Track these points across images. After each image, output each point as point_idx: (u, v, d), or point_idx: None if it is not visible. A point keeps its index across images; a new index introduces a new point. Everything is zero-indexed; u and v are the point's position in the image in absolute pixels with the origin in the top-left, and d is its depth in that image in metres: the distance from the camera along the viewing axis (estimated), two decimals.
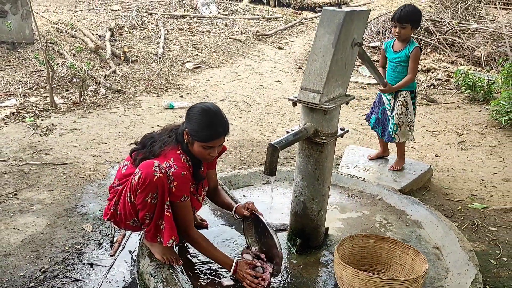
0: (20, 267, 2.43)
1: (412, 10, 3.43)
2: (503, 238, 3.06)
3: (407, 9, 3.43)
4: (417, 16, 3.45)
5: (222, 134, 2.22)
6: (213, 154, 2.24)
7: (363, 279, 2.08)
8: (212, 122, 2.18)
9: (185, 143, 2.23)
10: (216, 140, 2.19)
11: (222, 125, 2.21)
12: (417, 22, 3.48)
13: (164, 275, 2.22)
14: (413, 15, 3.41)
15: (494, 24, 9.73)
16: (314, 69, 2.25)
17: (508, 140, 4.80)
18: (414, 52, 3.41)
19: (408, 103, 3.56)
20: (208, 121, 2.18)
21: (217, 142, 2.21)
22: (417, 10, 3.47)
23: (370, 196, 3.23)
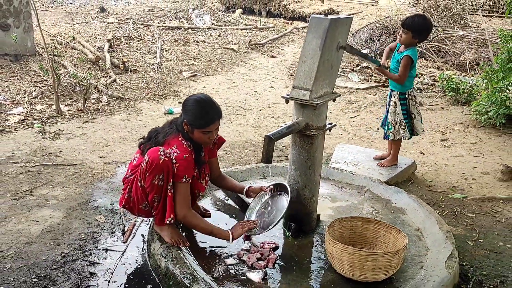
0: (42, 252, 2.69)
1: (418, 21, 3.60)
2: (480, 223, 3.35)
3: (415, 18, 3.64)
4: (421, 27, 3.57)
5: (217, 118, 2.54)
6: (212, 138, 2.56)
7: (350, 253, 2.36)
8: (206, 110, 2.51)
9: (185, 132, 2.53)
10: (212, 124, 2.52)
11: (215, 110, 2.53)
12: (419, 32, 3.58)
13: (173, 255, 2.49)
14: (417, 25, 3.56)
15: (478, 31, 10.15)
16: (304, 70, 2.55)
17: (488, 137, 5.12)
18: (404, 59, 3.63)
19: (396, 104, 3.82)
20: (202, 109, 2.50)
21: (213, 126, 2.53)
22: (424, 23, 3.59)
23: (358, 188, 3.52)
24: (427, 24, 3.63)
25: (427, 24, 3.63)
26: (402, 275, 2.52)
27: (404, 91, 3.79)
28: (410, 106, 3.81)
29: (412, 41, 3.64)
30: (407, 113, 3.83)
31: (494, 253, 2.96)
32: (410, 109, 3.82)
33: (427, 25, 3.63)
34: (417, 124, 3.85)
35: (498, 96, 5.23)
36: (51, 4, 13.72)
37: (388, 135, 3.89)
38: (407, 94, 3.79)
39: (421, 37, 3.66)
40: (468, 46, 9.22)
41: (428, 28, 3.68)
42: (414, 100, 3.82)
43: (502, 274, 2.73)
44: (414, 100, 3.82)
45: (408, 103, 3.81)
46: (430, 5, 11.46)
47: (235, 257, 2.61)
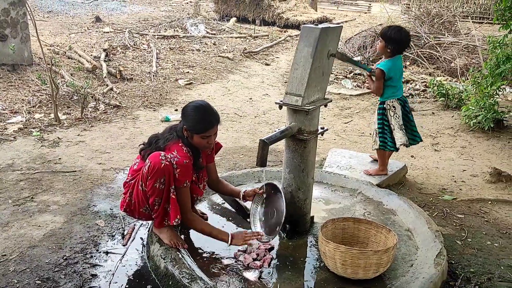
0: (44, 255, 2.77)
1: (392, 30, 3.66)
2: (469, 223, 3.46)
3: (390, 28, 3.72)
4: (394, 36, 3.61)
5: (215, 123, 2.65)
6: (211, 142, 2.67)
7: (343, 252, 2.46)
8: (205, 116, 2.62)
9: (185, 138, 2.64)
10: (211, 129, 2.63)
11: (213, 116, 2.65)
12: (393, 42, 3.62)
13: (172, 256, 2.58)
14: (389, 35, 3.63)
15: (469, 37, 10.33)
16: (296, 76, 2.66)
17: (477, 141, 5.26)
18: (376, 71, 3.72)
19: (375, 113, 3.92)
20: (201, 115, 2.62)
21: (212, 131, 2.64)
22: (398, 34, 3.62)
23: (351, 190, 3.63)
24: (400, 35, 3.64)
25: (400, 36, 3.64)
26: (393, 273, 2.62)
27: (382, 101, 3.81)
28: (389, 117, 3.79)
29: (386, 50, 3.70)
30: (382, 124, 3.83)
31: (482, 251, 3.07)
32: (389, 119, 3.79)
33: (400, 36, 3.64)
34: (396, 135, 3.79)
35: (486, 101, 5.37)
36: (46, 14, 13.84)
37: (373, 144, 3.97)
38: (386, 104, 3.78)
39: (393, 47, 3.65)
40: (459, 52, 9.39)
41: (401, 40, 3.65)
42: (394, 111, 3.77)
43: (489, 271, 2.84)
44: (394, 111, 3.77)
45: (387, 113, 3.79)
46: (421, 12, 11.69)
47: (232, 258, 2.70)
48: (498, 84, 5.40)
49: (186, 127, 2.63)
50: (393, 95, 3.78)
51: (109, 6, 16.43)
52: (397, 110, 3.78)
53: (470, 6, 17.89)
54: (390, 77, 3.72)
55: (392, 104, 3.78)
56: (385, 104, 3.81)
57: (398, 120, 3.79)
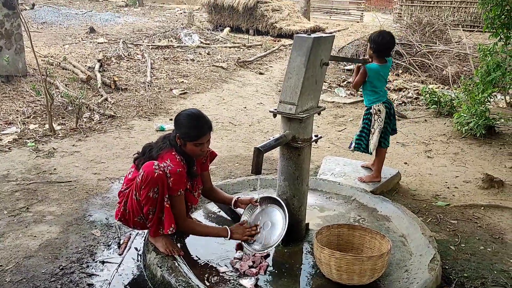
0: (40, 265, 2.78)
1: (374, 33, 3.83)
2: (462, 229, 3.50)
3: (377, 32, 3.84)
4: (375, 38, 3.75)
5: (208, 131, 2.68)
6: (204, 150, 2.70)
7: (338, 258, 2.49)
8: (197, 123, 2.65)
9: (178, 146, 2.66)
10: (203, 137, 2.66)
11: (206, 123, 2.68)
12: (375, 44, 3.74)
13: (169, 264, 2.59)
14: (373, 37, 3.79)
15: (460, 45, 10.48)
16: (290, 85, 2.70)
17: (469, 147, 5.32)
18: (362, 69, 3.79)
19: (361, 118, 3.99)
20: (194, 123, 2.65)
21: (205, 138, 2.67)
22: (378, 35, 3.76)
23: (345, 197, 3.66)
24: (384, 37, 3.74)
25: (384, 38, 3.74)
26: (388, 278, 2.65)
27: (368, 106, 3.88)
28: (372, 121, 3.84)
29: (371, 52, 3.82)
30: (363, 127, 3.89)
31: (475, 256, 3.10)
32: (372, 123, 3.84)
33: (379, 39, 3.75)
34: (372, 138, 3.85)
35: (478, 108, 5.44)
36: (40, 25, 13.87)
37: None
38: (372, 109, 3.84)
39: (375, 48, 3.77)
40: (450, 60, 9.52)
41: (379, 42, 3.75)
42: (378, 115, 3.82)
43: (482, 276, 2.87)
44: (378, 115, 3.82)
45: (372, 118, 3.84)
46: (413, 21, 11.84)
47: (228, 265, 2.72)
48: (489, 91, 5.49)
49: (179, 135, 2.66)
50: (377, 99, 3.86)
51: (103, 17, 16.50)
52: (382, 113, 3.84)
53: (460, 15, 18.17)
54: (372, 81, 3.79)
55: (378, 108, 3.85)
56: (371, 109, 3.87)
57: (380, 124, 3.85)
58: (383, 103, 3.85)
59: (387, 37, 3.78)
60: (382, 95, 3.87)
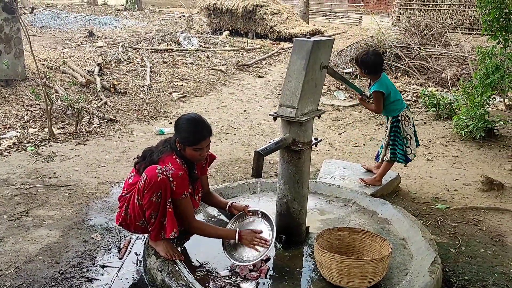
0: (41, 270, 2.77)
1: (360, 55, 3.83)
2: (462, 231, 3.50)
3: (359, 54, 3.87)
4: (363, 60, 3.76)
5: (207, 135, 2.68)
6: (203, 154, 2.70)
7: (338, 261, 2.48)
8: (197, 128, 2.65)
9: (178, 150, 2.66)
10: (203, 141, 2.66)
11: (205, 128, 2.68)
12: (366, 67, 3.77)
13: (169, 269, 2.58)
14: (358, 60, 3.82)
15: (458, 48, 10.49)
16: (290, 89, 2.70)
17: (469, 150, 5.32)
18: (374, 94, 3.83)
19: (387, 127, 3.97)
20: (193, 127, 2.65)
21: (204, 143, 2.67)
22: (365, 56, 3.76)
23: (345, 200, 3.66)
24: (369, 58, 3.76)
25: (370, 59, 3.75)
26: (388, 282, 2.64)
27: (395, 115, 3.89)
28: (404, 128, 3.87)
29: (364, 75, 3.91)
30: (394, 137, 3.90)
31: (475, 259, 3.10)
32: (405, 130, 3.88)
33: (370, 59, 3.75)
34: (412, 145, 3.89)
35: (477, 111, 5.45)
36: (39, 29, 13.88)
37: (378, 157, 4.06)
38: (400, 116, 3.87)
39: (370, 70, 3.81)
40: (449, 63, 9.53)
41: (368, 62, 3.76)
42: (408, 120, 3.87)
43: (483, 279, 2.87)
44: (408, 120, 3.87)
45: (402, 125, 3.87)
46: (411, 24, 11.85)
47: (228, 269, 2.71)
48: (488, 93, 5.49)
49: (179, 139, 2.66)
50: (401, 106, 3.89)
51: (102, 20, 16.53)
52: (410, 118, 3.92)
53: (459, 18, 18.20)
54: (389, 93, 3.82)
55: (405, 114, 3.89)
56: (398, 116, 3.88)
57: (412, 129, 3.92)
58: (407, 108, 3.93)
59: (373, 56, 3.80)
60: (402, 101, 3.92)
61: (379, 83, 3.83)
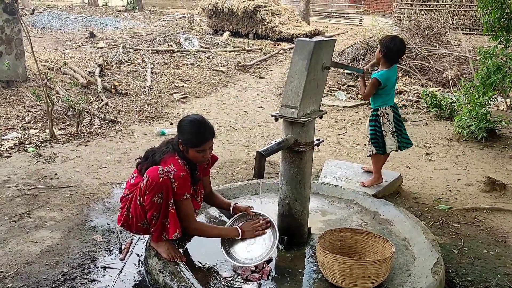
0: (42, 271, 2.76)
1: (387, 37, 3.82)
2: (465, 232, 3.49)
3: (389, 37, 3.83)
4: (387, 43, 3.73)
5: (210, 137, 2.68)
6: (206, 156, 2.70)
7: (341, 262, 2.47)
8: (200, 130, 2.65)
9: (181, 152, 2.66)
10: (206, 143, 2.66)
11: (208, 130, 2.68)
12: (387, 49, 3.73)
13: (171, 270, 2.57)
14: (383, 40, 3.78)
15: (459, 48, 10.48)
16: (292, 89, 2.69)
17: (471, 150, 5.31)
18: (372, 79, 3.82)
19: (367, 120, 3.99)
20: (196, 129, 2.64)
21: (207, 145, 2.67)
22: (390, 40, 3.74)
23: (347, 201, 3.65)
24: (396, 44, 3.74)
25: (396, 44, 3.74)
26: (391, 283, 2.63)
27: (375, 108, 3.89)
28: (382, 124, 3.86)
29: (379, 56, 3.81)
30: (375, 130, 3.90)
31: (478, 260, 3.09)
32: (382, 126, 3.87)
33: (391, 44, 3.74)
34: (387, 141, 3.86)
35: (479, 111, 5.43)
36: (40, 30, 13.89)
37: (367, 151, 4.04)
38: (379, 111, 3.86)
39: (386, 53, 3.75)
40: (450, 63, 9.52)
41: (391, 48, 3.74)
42: (387, 118, 3.85)
43: (486, 280, 2.86)
44: (387, 118, 3.85)
45: (380, 120, 3.86)
46: (412, 24, 11.84)
47: (230, 271, 2.70)
48: (489, 94, 5.48)
49: (182, 141, 2.65)
50: (385, 103, 3.87)
51: (103, 22, 16.53)
52: (389, 117, 3.87)
53: (460, 18, 18.19)
54: (385, 86, 3.80)
55: (385, 111, 3.87)
56: (378, 111, 3.88)
57: (391, 127, 3.88)
58: (391, 106, 3.89)
59: (399, 43, 3.79)
60: (390, 98, 3.90)
61: (383, 73, 3.79)
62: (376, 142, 3.92)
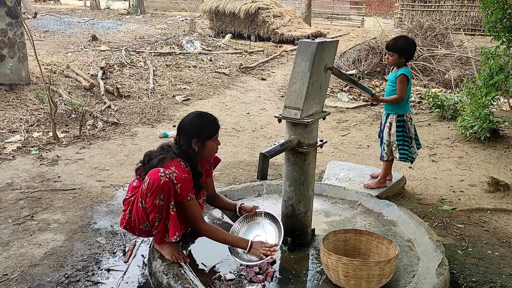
0: (46, 274, 2.76)
1: (400, 42, 3.78)
2: (469, 233, 3.48)
3: (397, 40, 3.83)
4: (404, 47, 3.74)
5: (218, 123, 2.78)
6: (219, 144, 2.79)
7: (345, 263, 2.47)
8: (209, 119, 2.74)
9: (194, 152, 2.67)
10: (218, 130, 2.76)
11: (215, 117, 2.79)
12: (404, 51, 3.74)
13: (175, 272, 2.57)
14: (399, 46, 3.75)
15: (461, 49, 10.47)
16: (295, 90, 2.69)
17: (474, 151, 5.30)
18: (399, 77, 3.75)
19: (391, 125, 3.90)
20: (206, 120, 2.73)
21: (219, 131, 2.77)
22: (406, 42, 3.77)
23: (351, 202, 3.64)
24: (409, 43, 3.80)
25: (409, 43, 3.80)
26: (396, 284, 2.62)
27: (401, 113, 3.85)
28: (408, 129, 3.86)
29: (400, 61, 3.78)
30: (403, 136, 3.87)
31: (483, 261, 3.08)
32: (410, 130, 3.87)
33: (409, 44, 3.80)
34: (413, 146, 3.88)
35: (481, 111, 5.42)
36: (43, 34, 13.93)
37: (383, 156, 3.99)
38: (405, 117, 3.84)
39: (407, 55, 3.79)
40: (452, 64, 9.51)
41: (411, 48, 3.81)
42: (411, 123, 3.87)
43: (491, 280, 2.85)
44: (411, 123, 3.87)
45: (407, 125, 3.85)
46: (414, 25, 11.84)
47: (234, 273, 2.70)
48: (492, 94, 5.47)
49: (197, 139, 2.66)
50: (408, 107, 3.89)
51: (105, 25, 16.57)
52: (413, 121, 3.92)
53: (461, 19, 18.18)
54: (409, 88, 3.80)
55: (410, 116, 3.89)
56: (404, 116, 3.86)
57: (413, 131, 3.91)
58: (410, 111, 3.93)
59: (411, 39, 3.86)
60: (409, 103, 3.91)
61: (406, 69, 3.77)
62: (403, 149, 3.88)
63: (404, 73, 3.75)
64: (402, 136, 3.88)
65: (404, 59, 3.79)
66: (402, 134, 3.88)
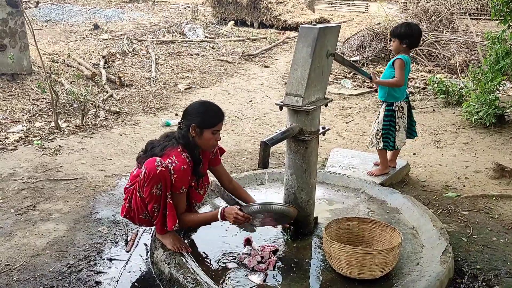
0: (48, 264, 2.76)
1: (401, 27, 3.75)
2: (474, 220, 3.44)
3: (399, 26, 3.78)
4: (404, 32, 3.69)
5: (222, 117, 2.69)
6: (218, 138, 2.69)
7: (348, 252, 2.45)
8: (213, 109, 2.67)
9: (192, 139, 2.61)
10: (220, 123, 2.66)
11: (220, 109, 2.70)
12: (405, 37, 3.69)
13: (176, 261, 2.56)
14: (400, 31, 3.71)
15: (467, 34, 10.33)
16: (296, 77, 2.65)
17: (479, 137, 5.24)
18: (396, 62, 3.69)
19: (380, 113, 3.87)
20: (209, 109, 2.66)
21: (220, 125, 2.67)
22: (409, 28, 3.72)
23: (354, 190, 3.61)
24: (411, 29, 3.73)
25: (410, 29, 3.73)
26: (399, 272, 2.60)
27: (391, 102, 3.80)
28: (396, 118, 3.79)
29: (401, 47, 3.74)
30: (389, 125, 3.81)
31: (487, 248, 3.05)
32: (397, 120, 3.80)
33: (411, 31, 3.72)
34: (398, 135, 3.81)
35: (487, 97, 5.35)
36: (45, 23, 13.87)
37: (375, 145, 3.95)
38: (394, 106, 3.78)
39: (408, 41, 3.72)
40: (458, 49, 9.39)
41: (412, 33, 3.73)
42: (402, 112, 3.80)
43: (496, 267, 2.82)
44: (402, 112, 3.80)
45: (395, 115, 3.79)
46: (419, 10, 11.68)
47: (237, 261, 2.68)
48: (498, 79, 5.38)
49: (195, 124, 2.60)
50: (402, 96, 3.81)
51: (107, 13, 16.45)
52: (404, 110, 3.83)
53: (467, 3, 17.88)
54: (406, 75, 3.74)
55: (400, 105, 3.80)
56: (393, 105, 3.80)
57: (405, 121, 3.83)
58: (405, 98, 3.84)
59: (416, 26, 3.79)
60: (403, 91, 3.83)
61: (405, 56, 3.71)
62: (387, 138, 3.82)
63: (400, 58, 3.70)
64: (389, 125, 3.81)
65: (405, 45, 3.74)
66: (389, 123, 3.81)
